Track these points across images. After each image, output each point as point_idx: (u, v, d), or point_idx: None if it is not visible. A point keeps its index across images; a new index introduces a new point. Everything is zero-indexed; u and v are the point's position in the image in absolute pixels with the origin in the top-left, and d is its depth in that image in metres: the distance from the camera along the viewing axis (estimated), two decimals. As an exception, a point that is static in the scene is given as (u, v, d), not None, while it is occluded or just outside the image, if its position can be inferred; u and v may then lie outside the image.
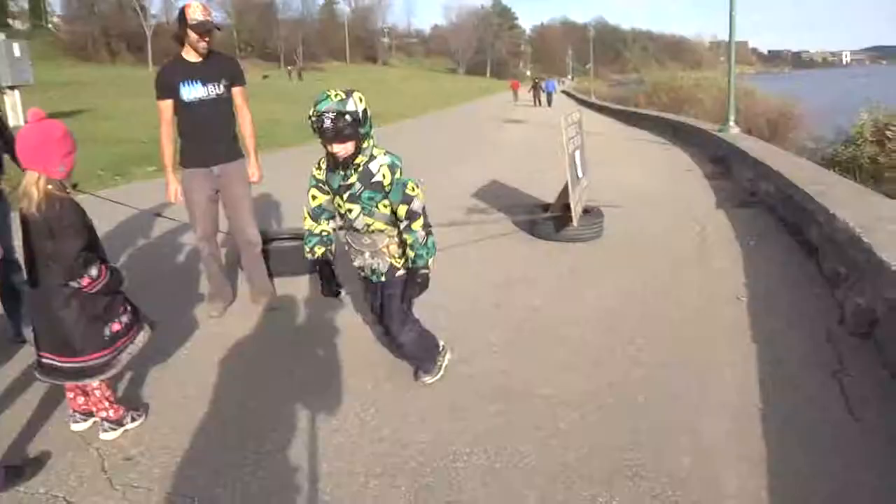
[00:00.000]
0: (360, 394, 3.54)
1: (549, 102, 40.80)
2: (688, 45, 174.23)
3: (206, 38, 4.30)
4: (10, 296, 4.28)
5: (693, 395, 3.42)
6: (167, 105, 4.42)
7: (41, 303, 3.00)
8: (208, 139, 4.45)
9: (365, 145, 3.12)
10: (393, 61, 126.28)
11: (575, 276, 5.51)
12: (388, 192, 3.15)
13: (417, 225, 3.19)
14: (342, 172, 3.17)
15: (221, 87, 4.44)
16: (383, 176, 3.14)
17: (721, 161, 11.85)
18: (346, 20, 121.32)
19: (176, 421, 3.31)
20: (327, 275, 3.40)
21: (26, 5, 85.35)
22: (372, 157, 3.17)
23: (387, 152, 3.23)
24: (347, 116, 2.97)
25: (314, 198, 3.36)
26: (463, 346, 4.07)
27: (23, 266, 4.17)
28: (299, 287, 5.28)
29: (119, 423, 3.18)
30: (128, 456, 3.01)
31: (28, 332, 4.14)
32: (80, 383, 3.10)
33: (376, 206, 3.19)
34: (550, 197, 7.09)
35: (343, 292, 3.62)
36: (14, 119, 14.79)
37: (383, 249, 3.32)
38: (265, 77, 67.41)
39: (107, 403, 3.15)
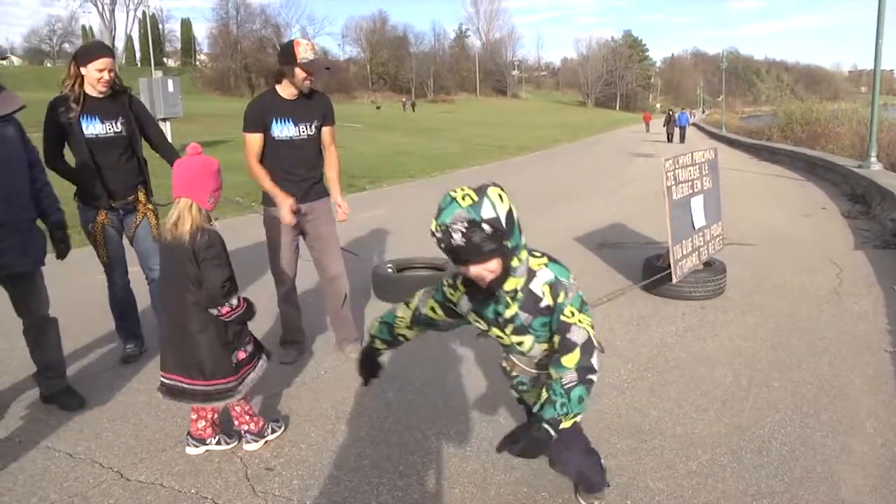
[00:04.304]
0: (492, 422, 3.58)
1: (682, 138, 34.85)
2: (825, 75, 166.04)
3: (313, 78, 4.17)
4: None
5: (831, 446, 3.27)
6: (256, 138, 4.21)
7: (176, 324, 3.11)
8: (295, 178, 4.29)
9: (515, 263, 2.19)
10: (522, 94, 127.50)
11: (706, 314, 5.39)
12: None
13: (569, 360, 2.24)
14: (493, 303, 2.35)
15: (313, 127, 4.32)
16: (547, 297, 2.28)
17: (860, 199, 11.30)
18: (476, 53, 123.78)
19: (313, 437, 3.47)
20: (368, 368, 2.81)
21: (178, 45, 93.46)
22: (532, 275, 2.29)
23: (549, 261, 2.34)
24: (485, 226, 2.05)
25: (433, 310, 2.62)
26: (592, 381, 4.07)
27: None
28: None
29: (260, 434, 3.36)
30: (269, 466, 3.18)
31: (130, 347, 4.50)
32: (205, 406, 3.22)
33: None
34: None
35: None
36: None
37: None
38: (378, 108, 72.18)
39: (247, 417, 3.33)
